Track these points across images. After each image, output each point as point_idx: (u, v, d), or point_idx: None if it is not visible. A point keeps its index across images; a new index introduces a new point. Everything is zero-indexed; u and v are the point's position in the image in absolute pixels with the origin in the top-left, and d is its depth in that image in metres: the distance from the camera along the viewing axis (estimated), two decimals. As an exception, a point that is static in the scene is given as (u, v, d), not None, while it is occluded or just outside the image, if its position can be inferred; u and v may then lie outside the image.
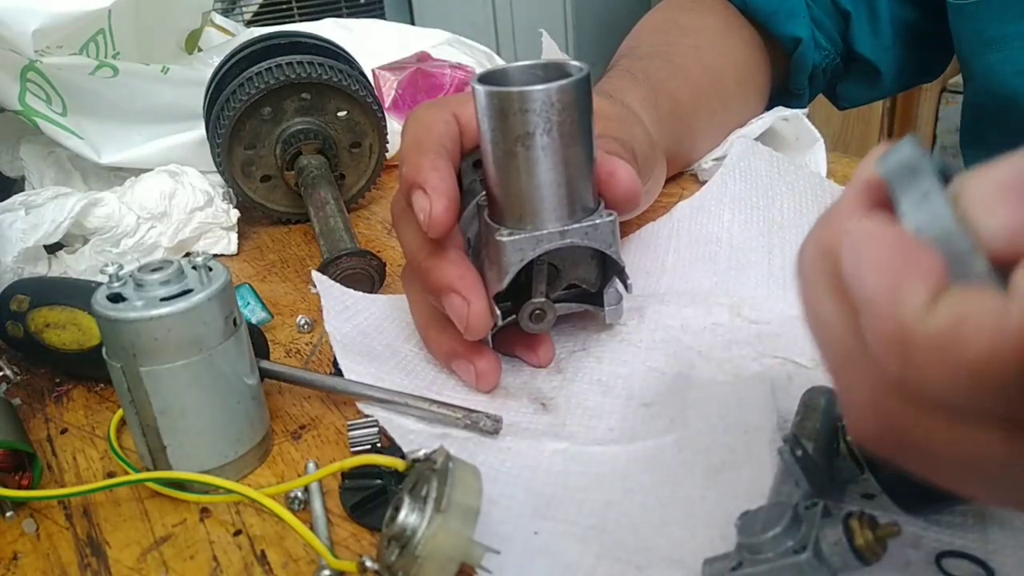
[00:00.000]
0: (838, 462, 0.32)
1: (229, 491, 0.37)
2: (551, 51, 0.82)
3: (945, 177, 0.21)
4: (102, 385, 0.50)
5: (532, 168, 0.38)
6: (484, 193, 0.42)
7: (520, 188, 0.39)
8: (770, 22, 0.75)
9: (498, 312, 0.42)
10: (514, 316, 0.44)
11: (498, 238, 0.40)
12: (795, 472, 0.31)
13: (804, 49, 0.74)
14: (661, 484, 0.37)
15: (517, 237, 0.40)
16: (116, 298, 0.38)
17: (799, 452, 0.31)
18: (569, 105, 0.37)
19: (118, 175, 0.75)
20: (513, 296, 0.43)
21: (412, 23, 2.44)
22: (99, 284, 0.39)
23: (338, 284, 0.52)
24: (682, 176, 0.70)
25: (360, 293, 0.52)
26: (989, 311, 0.19)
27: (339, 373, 0.46)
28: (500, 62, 1.03)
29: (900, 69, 0.77)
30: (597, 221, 0.41)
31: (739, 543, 0.29)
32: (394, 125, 0.76)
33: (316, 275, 0.52)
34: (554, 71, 0.40)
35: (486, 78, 0.39)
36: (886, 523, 0.27)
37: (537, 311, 0.43)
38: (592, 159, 0.40)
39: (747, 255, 0.54)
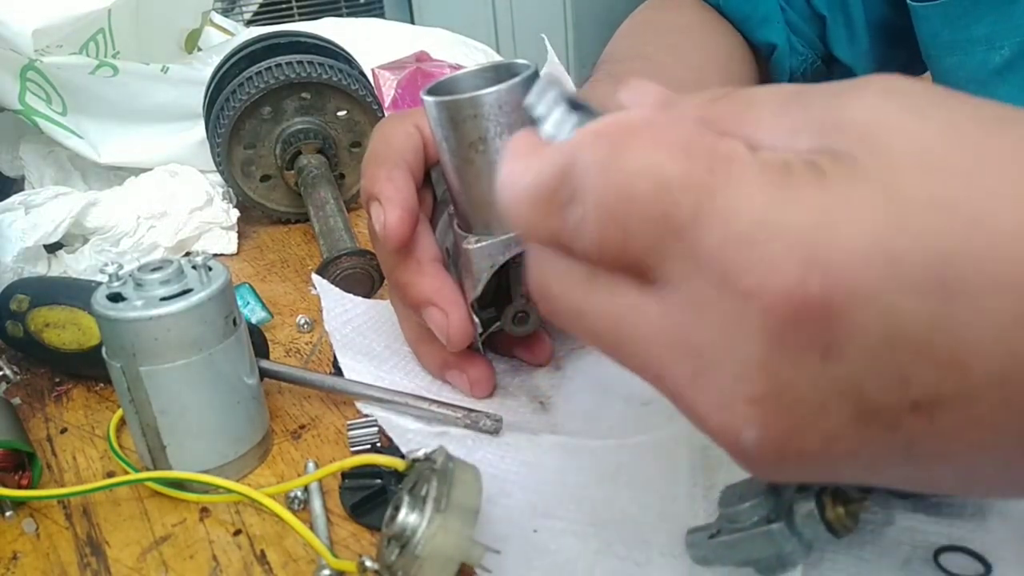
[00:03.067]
0: None
1: (229, 491, 0.37)
2: (552, 56, 0.82)
3: (574, 103, 0.26)
4: (102, 385, 0.50)
5: (491, 172, 0.38)
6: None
7: (482, 194, 0.39)
8: (743, 27, 0.74)
9: (477, 320, 0.42)
10: (499, 322, 0.44)
11: (466, 246, 0.40)
12: None
13: (780, 55, 0.73)
14: (659, 479, 0.37)
15: (484, 244, 0.39)
16: (116, 298, 0.38)
17: None
18: (519, 105, 0.36)
19: (118, 175, 0.75)
20: (496, 301, 0.43)
21: (412, 23, 2.44)
22: (99, 284, 0.39)
23: (338, 288, 0.52)
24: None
25: (359, 298, 0.52)
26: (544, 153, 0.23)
27: (339, 373, 0.46)
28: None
29: (879, 70, 0.76)
30: None
31: (720, 514, 0.29)
32: (394, 125, 0.76)
33: (316, 278, 0.52)
34: (504, 72, 0.39)
35: (436, 88, 0.39)
36: (857, 498, 0.27)
37: (519, 314, 0.43)
38: None
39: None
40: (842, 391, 0.20)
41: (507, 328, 0.44)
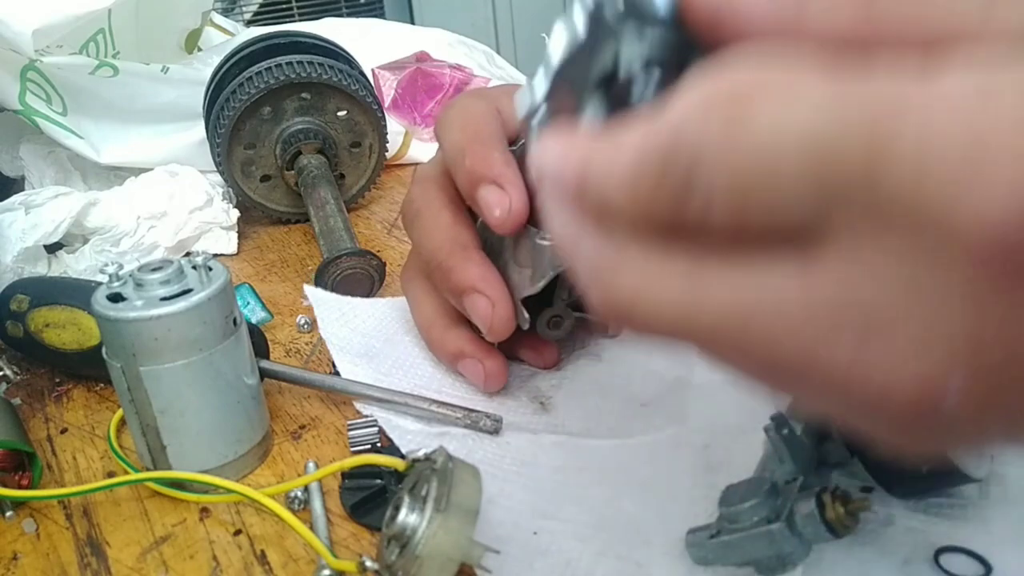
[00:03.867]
0: (828, 445, 0.33)
1: (229, 491, 0.37)
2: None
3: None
4: (102, 385, 0.50)
5: None
6: None
7: None
8: None
9: (527, 316, 0.41)
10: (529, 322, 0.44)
11: (539, 242, 0.39)
12: (780, 450, 0.32)
13: None
14: (659, 479, 0.37)
15: None
16: (116, 298, 0.38)
17: (785, 431, 0.32)
18: None
19: (118, 175, 0.75)
20: (527, 302, 0.43)
21: (412, 23, 2.44)
22: (99, 284, 0.39)
23: (331, 293, 0.51)
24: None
25: (356, 299, 0.51)
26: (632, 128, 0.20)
27: (339, 373, 0.46)
28: (500, 61, 1.03)
29: None
30: None
31: (720, 514, 0.29)
32: (394, 125, 0.76)
33: (308, 289, 0.51)
34: None
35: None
36: (858, 498, 0.27)
37: (555, 318, 0.43)
38: None
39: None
40: None
41: (540, 330, 0.43)
